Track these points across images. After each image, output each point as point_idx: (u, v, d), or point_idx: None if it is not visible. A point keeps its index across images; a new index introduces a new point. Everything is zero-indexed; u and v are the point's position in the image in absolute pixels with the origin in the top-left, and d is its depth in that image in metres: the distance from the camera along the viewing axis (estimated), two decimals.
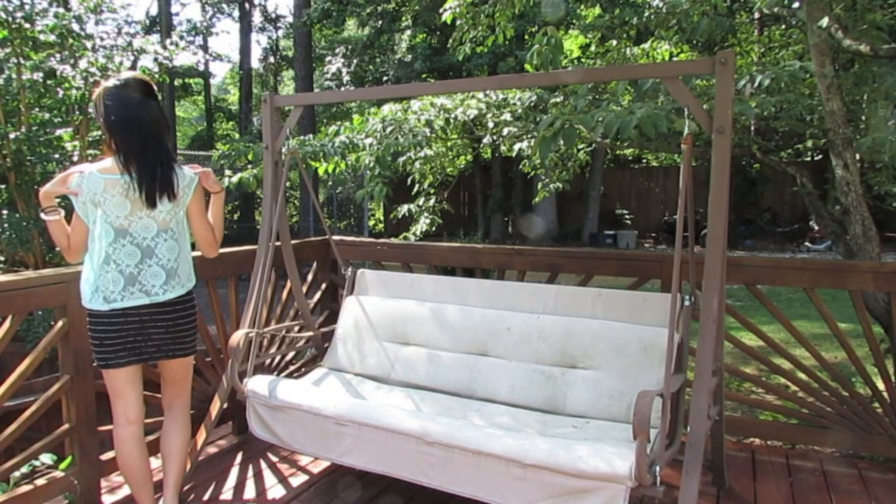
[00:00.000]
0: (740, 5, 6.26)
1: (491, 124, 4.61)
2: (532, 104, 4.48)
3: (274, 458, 3.28)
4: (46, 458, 2.82)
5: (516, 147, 4.48)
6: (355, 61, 17.27)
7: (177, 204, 2.44)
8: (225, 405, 3.04)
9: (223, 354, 3.40)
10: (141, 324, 2.39)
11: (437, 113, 4.51)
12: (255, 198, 19.04)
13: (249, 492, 2.95)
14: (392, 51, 18.08)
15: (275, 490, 2.98)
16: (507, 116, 4.53)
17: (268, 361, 3.59)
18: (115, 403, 2.48)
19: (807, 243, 14.92)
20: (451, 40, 5.30)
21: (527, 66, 3.60)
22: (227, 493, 2.94)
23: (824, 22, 3.32)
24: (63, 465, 2.76)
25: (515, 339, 3.03)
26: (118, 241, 2.36)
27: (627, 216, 19.10)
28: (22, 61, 5.32)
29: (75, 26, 5.61)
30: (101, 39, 5.96)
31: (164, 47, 6.26)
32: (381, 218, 20.05)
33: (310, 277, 4.02)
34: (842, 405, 3.17)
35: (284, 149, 3.21)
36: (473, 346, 3.12)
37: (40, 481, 2.64)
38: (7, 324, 2.50)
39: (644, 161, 20.61)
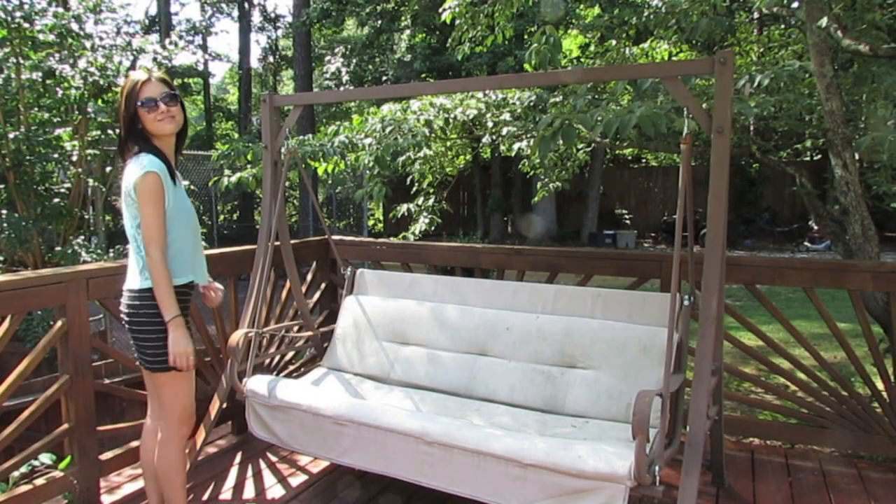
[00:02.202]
0: (739, 5, 6.26)
1: (490, 124, 4.60)
2: (531, 104, 4.48)
3: (273, 458, 3.28)
4: (46, 458, 2.82)
5: (515, 147, 4.48)
6: (354, 61, 17.26)
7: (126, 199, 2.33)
8: (224, 405, 3.03)
9: (222, 354, 3.40)
10: None
11: (437, 113, 4.51)
12: (255, 198, 19.02)
13: (249, 492, 2.95)
14: (391, 50, 18.08)
15: (274, 490, 2.98)
16: (506, 116, 4.52)
17: (267, 361, 3.59)
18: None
19: (806, 243, 14.93)
20: (450, 40, 5.30)
21: (526, 66, 3.60)
22: (226, 493, 2.94)
23: (823, 22, 3.32)
24: (62, 465, 2.76)
25: (515, 339, 3.03)
26: None
27: (627, 216, 19.11)
28: (21, 61, 5.31)
29: (74, 26, 5.60)
30: (101, 39, 5.95)
31: (164, 47, 6.25)
32: (381, 217, 20.05)
33: (309, 277, 4.02)
34: (841, 405, 3.17)
35: (284, 148, 3.21)
36: (473, 346, 3.12)
37: (39, 481, 2.64)
38: (6, 323, 2.50)
39: (643, 161, 20.61)
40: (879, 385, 3.11)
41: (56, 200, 5.64)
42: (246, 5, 23.80)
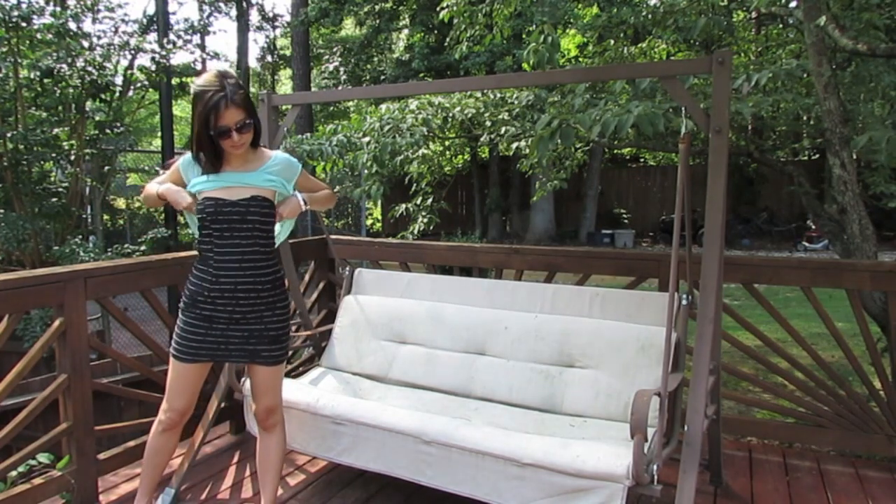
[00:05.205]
0: (737, 4, 6.27)
1: (489, 123, 4.60)
2: (529, 103, 4.48)
3: None
4: (44, 458, 2.81)
5: (514, 146, 4.48)
6: (353, 60, 17.26)
7: None
8: (222, 405, 3.03)
9: None
10: None
11: (435, 112, 4.51)
12: None
13: (247, 491, 2.95)
14: (389, 50, 18.08)
15: None
16: (504, 115, 4.52)
17: None
18: None
19: (804, 242, 14.94)
20: (448, 39, 5.30)
21: (524, 66, 3.61)
22: (224, 493, 2.94)
23: (821, 21, 3.33)
24: (60, 465, 2.75)
25: (513, 339, 3.03)
26: None
27: (625, 215, 19.11)
28: (19, 60, 5.31)
29: (72, 25, 5.60)
30: (98, 38, 5.96)
31: (161, 46, 6.25)
32: (379, 217, 20.05)
33: (307, 277, 4.02)
34: (839, 404, 3.18)
35: (282, 147, 3.21)
36: (471, 346, 3.12)
37: (37, 480, 2.63)
38: (4, 322, 2.49)
39: (642, 160, 20.61)
40: (877, 384, 3.12)
41: (54, 199, 5.64)
42: (244, 4, 23.73)
